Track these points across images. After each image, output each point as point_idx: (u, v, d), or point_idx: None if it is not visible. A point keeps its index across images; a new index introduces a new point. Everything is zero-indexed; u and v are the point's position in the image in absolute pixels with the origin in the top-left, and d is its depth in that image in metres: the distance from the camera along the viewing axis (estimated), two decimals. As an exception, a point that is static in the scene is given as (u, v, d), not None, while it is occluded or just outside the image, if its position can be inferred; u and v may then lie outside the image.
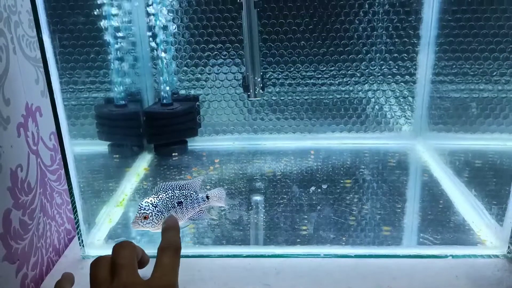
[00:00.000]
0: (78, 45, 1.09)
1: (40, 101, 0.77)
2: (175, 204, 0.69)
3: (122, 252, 0.48)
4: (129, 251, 0.49)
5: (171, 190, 0.69)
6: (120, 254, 0.48)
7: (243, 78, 1.06)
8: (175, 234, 0.52)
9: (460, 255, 0.75)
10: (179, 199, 0.70)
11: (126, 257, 0.48)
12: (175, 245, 0.50)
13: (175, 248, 0.50)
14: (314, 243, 0.80)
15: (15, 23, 0.69)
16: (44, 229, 0.77)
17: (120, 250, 0.49)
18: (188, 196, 0.71)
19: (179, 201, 0.69)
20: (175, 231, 0.52)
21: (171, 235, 0.52)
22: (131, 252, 0.49)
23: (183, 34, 1.15)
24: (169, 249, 0.50)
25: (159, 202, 0.66)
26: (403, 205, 0.92)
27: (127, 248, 0.49)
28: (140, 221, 0.65)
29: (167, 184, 0.70)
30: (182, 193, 0.70)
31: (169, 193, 0.69)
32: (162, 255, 0.49)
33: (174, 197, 0.69)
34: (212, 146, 1.24)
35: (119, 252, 0.48)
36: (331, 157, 1.15)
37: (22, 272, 0.68)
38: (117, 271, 0.47)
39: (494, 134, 1.14)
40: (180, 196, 0.70)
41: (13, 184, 0.67)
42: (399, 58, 1.15)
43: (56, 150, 0.82)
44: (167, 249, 0.49)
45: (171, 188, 0.70)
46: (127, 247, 0.49)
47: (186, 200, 0.71)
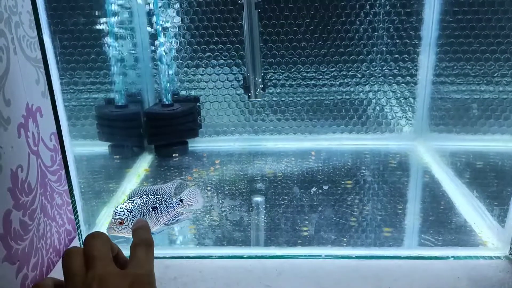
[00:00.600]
0: (78, 45, 1.08)
1: (41, 101, 0.76)
2: (150, 209, 0.69)
3: (94, 243, 0.47)
4: (101, 242, 0.48)
5: (145, 196, 0.69)
6: (93, 245, 0.47)
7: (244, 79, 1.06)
8: (146, 232, 0.52)
9: (462, 257, 0.75)
10: (154, 204, 0.69)
11: (99, 248, 0.47)
12: (147, 241, 0.50)
13: (148, 243, 0.50)
14: (315, 244, 0.79)
15: (16, 24, 0.69)
16: (45, 230, 0.76)
17: (92, 240, 0.48)
18: (162, 201, 0.71)
19: (154, 206, 0.69)
20: (145, 229, 0.52)
21: (142, 232, 0.52)
22: (104, 243, 0.48)
23: (184, 35, 1.15)
24: (142, 244, 0.49)
25: (134, 207, 0.66)
26: (404, 206, 0.92)
27: (99, 239, 0.48)
28: (116, 227, 0.65)
29: (142, 189, 0.70)
30: (156, 198, 0.70)
31: (143, 199, 0.68)
32: (135, 250, 0.49)
33: (149, 202, 0.69)
34: (212, 147, 1.24)
35: (91, 243, 0.47)
36: (331, 158, 1.15)
37: (23, 273, 0.68)
38: (92, 262, 0.46)
39: (495, 135, 1.14)
40: (154, 201, 0.70)
41: (14, 185, 0.66)
42: (400, 59, 1.15)
43: (56, 150, 0.82)
44: (140, 245, 0.49)
45: (145, 193, 0.69)
46: (99, 237, 0.48)
47: (161, 205, 0.70)
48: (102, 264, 0.46)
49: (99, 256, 0.46)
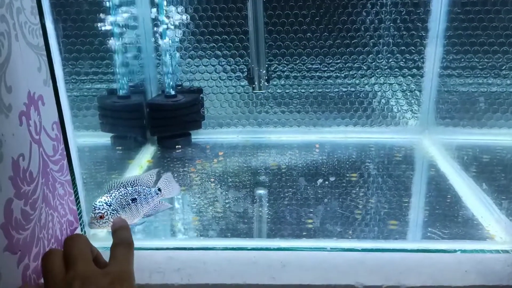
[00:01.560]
0: (81, 34, 1.07)
1: (43, 89, 0.75)
2: (129, 201, 0.67)
3: (73, 244, 0.48)
4: (81, 242, 0.49)
5: (123, 187, 0.68)
6: (73, 245, 0.48)
7: (248, 70, 1.04)
8: (126, 232, 0.52)
9: (469, 250, 0.74)
10: (133, 196, 0.68)
11: (79, 248, 0.48)
12: (126, 241, 0.51)
13: (127, 243, 0.50)
14: (320, 237, 0.78)
15: (18, 9, 0.68)
16: (46, 220, 0.75)
17: (72, 242, 0.49)
18: (141, 192, 0.70)
19: (133, 198, 0.68)
20: (125, 229, 0.52)
21: (122, 232, 0.52)
22: (83, 243, 0.49)
23: (187, 25, 1.13)
24: (122, 244, 0.50)
25: (113, 200, 0.65)
26: (410, 199, 0.91)
27: (78, 240, 0.49)
28: (96, 221, 0.64)
29: (119, 181, 0.68)
30: (134, 189, 0.69)
31: (121, 191, 0.67)
32: (115, 250, 0.49)
33: (127, 194, 0.68)
34: (216, 138, 1.23)
35: (70, 244, 0.48)
36: (336, 151, 1.14)
37: (24, 263, 0.67)
38: (72, 263, 0.46)
39: (502, 129, 1.12)
40: (133, 193, 0.68)
41: (15, 174, 0.65)
42: (406, 51, 1.13)
43: (58, 140, 0.80)
44: (120, 245, 0.50)
45: (123, 185, 0.68)
46: (78, 238, 0.49)
47: (140, 196, 0.69)
48: (82, 263, 0.46)
49: (80, 256, 0.47)
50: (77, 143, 0.75)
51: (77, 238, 0.49)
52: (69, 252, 0.47)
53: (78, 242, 0.48)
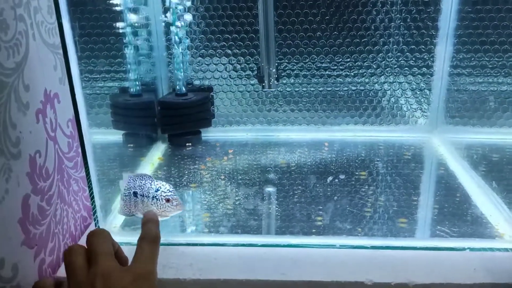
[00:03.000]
0: (94, 33, 1.09)
1: (58, 88, 0.77)
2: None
3: (96, 240, 0.49)
4: (103, 238, 0.49)
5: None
6: (95, 241, 0.48)
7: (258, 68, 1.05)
8: (154, 226, 0.53)
9: (478, 248, 0.74)
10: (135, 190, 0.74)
11: (101, 244, 0.48)
12: (153, 235, 0.51)
13: (154, 238, 0.51)
14: (329, 234, 0.79)
15: (35, 9, 0.69)
16: (61, 215, 0.77)
17: (94, 238, 0.49)
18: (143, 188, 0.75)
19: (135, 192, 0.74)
20: (154, 223, 0.53)
21: (150, 226, 0.53)
22: (106, 239, 0.49)
23: (198, 24, 1.14)
24: (148, 239, 0.50)
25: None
26: (419, 197, 0.91)
27: (101, 236, 0.50)
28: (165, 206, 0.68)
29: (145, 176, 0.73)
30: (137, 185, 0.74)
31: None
32: (141, 245, 0.50)
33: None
34: (225, 136, 1.24)
35: (93, 240, 0.49)
36: (345, 149, 1.14)
37: (40, 257, 0.69)
38: (94, 259, 0.46)
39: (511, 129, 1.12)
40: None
41: (32, 170, 0.67)
42: (416, 50, 1.14)
43: (73, 137, 0.82)
44: (146, 239, 0.50)
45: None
46: (100, 234, 0.50)
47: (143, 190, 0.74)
48: (104, 259, 0.46)
49: (102, 252, 0.47)
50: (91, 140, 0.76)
51: (99, 233, 0.50)
52: (92, 248, 0.48)
53: (101, 237, 0.49)
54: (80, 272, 0.46)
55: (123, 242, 0.78)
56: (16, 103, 0.63)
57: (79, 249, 0.49)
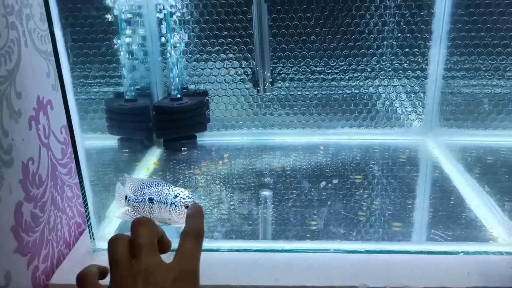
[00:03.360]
0: (88, 39, 1.09)
1: (51, 94, 0.77)
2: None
3: (141, 230, 0.46)
4: (147, 229, 0.47)
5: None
6: (140, 232, 0.47)
7: (253, 73, 1.05)
8: (198, 220, 0.51)
9: (472, 252, 0.75)
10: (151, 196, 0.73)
11: (145, 236, 0.46)
12: (197, 231, 0.49)
13: (198, 233, 0.49)
14: (324, 238, 0.79)
15: (27, 16, 0.69)
16: (55, 222, 0.77)
17: (139, 228, 0.47)
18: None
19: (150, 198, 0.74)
20: (199, 217, 0.51)
21: (195, 220, 0.51)
22: (150, 230, 0.47)
23: (193, 28, 1.15)
24: (192, 234, 0.49)
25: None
26: (414, 201, 0.91)
27: (146, 226, 0.47)
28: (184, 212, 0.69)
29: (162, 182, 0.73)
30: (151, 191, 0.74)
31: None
32: (185, 240, 0.48)
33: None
34: (221, 141, 1.24)
35: (138, 230, 0.47)
36: (340, 153, 1.14)
37: (33, 264, 0.69)
38: (138, 252, 0.45)
39: (506, 130, 1.13)
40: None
41: (25, 177, 0.67)
42: (410, 53, 1.14)
43: (66, 143, 0.82)
44: (190, 234, 0.48)
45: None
46: (146, 224, 0.47)
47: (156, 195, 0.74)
48: (148, 254, 0.45)
49: (146, 245, 0.46)
50: (85, 146, 0.76)
51: (144, 224, 0.48)
52: (136, 240, 0.46)
53: (145, 228, 0.47)
54: (122, 265, 0.45)
55: (117, 249, 0.78)
56: (8, 111, 0.63)
57: (123, 239, 0.47)
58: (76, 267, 0.73)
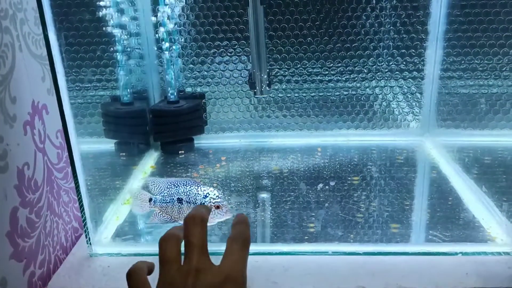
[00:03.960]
0: (84, 43, 1.09)
1: (47, 99, 0.77)
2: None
3: (193, 229, 0.47)
4: (201, 229, 0.47)
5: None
6: (192, 230, 0.47)
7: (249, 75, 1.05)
8: (245, 228, 0.51)
9: (470, 253, 0.74)
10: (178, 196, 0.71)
11: (198, 236, 0.47)
12: (244, 237, 0.49)
13: (244, 239, 0.49)
14: (322, 241, 0.79)
15: (21, 21, 0.69)
16: (51, 227, 0.77)
17: (192, 227, 0.47)
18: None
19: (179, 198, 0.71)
20: (245, 225, 0.51)
21: (242, 227, 0.51)
22: (203, 230, 0.48)
23: (189, 31, 1.14)
24: (239, 240, 0.49)
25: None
26: (412, 202, 0.91)
27: (199, 225, 0.48)
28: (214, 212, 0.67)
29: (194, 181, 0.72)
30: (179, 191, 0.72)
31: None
32: (232, 245, 0.48)
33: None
34: (218, 143, 1.23)
35: (191, 229, 0.47)
36: (338, 154, 1.14)
37: (30, 270, 0.68)
38: (189, 251, 0.46)
39: (503, 130, 1.13)
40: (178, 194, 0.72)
41: (20, 182, 0.67)
42: (407, 54, 1.14)
43: (62, 148, 0.82)
44: (237, 240, 0.48)
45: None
46: (199, 223, 0.48)
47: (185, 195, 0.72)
48: (199, 254, 0.46)
49: (197, 245, 0.46)
50: (81, 150, 0.76)
51: (198, 221, 0.47)
52: (189, 239, 0.47)
53: (198, 226, 0.47)
54: (172, 264, 0.46)
55: (114, 253, 0.77)
56: (3, 116, 0.63)
57: (175, 238, 0.48)
58: (73, 272, 0.73)
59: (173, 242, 0.47)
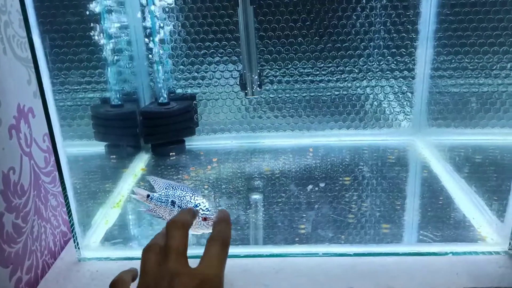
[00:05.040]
0: (72, 45, 1.08)
1: (33, 102, 0.76)
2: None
3: (175, 234, 0.48)
4: (181, 233, 0.48)
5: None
6: (173, 235, 0.48)
7: (240, 76, 1.04)
8: (226, 227, 0.51)
9: (461, 252, 0.74)
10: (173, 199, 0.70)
11: (178, 240, 0.47)
12: (224, 237, 0.49)
13: (224, 239, 0.49)
14: (312, 242, 0.78)
15: (5, 23, 0.68)
16: (39, 232, 0.76)
17: (174, 232, 0.48)
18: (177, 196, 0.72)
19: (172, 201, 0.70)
20: (226, 224, 0.51)
21: (222, 226, 0.51)
22: (184, 234, 0.48)
23: (179, 32, 1.14)
24: (218, 240, 0.49)
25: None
26: (403, 202, 0.91)
27: (180, 230, 0.48)
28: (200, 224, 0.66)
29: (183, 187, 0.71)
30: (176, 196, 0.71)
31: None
32: (211, 246, 0.48)
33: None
34: (209, 145, 1.23)
35: (171, 233, 0.48)
36: (330, 155, 1.14)
37: (16, 276, 0.68)
38: (167, 255, 0.46)
39: (494, 129, 1.13)
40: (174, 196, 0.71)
41: (5, 187, 0.66)
42: (397, 53, 1.14)
43: (50, 151, 0.81)
44: (216, 240, 0.49)
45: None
46: (181, 228, 0.48)
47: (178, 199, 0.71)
48: (176, 258, 0.46)
49: (176, 249, 0.46)
50: (70, 153, 0.75)
51: (179, 226, 0.48)
52: (168, 242, 0.47)
53: (179, 232, 0.48)
54: (149, 273, 0.46)
55: (103, 258, 0.77)
56: (-13, 120, 0.62)
57: (156, 247, 0.48)
58: (61, 277, 0.72)
59: (153, 252, 0.48)
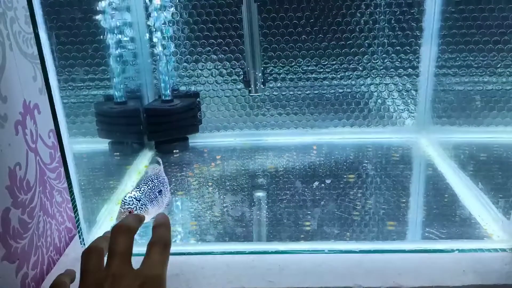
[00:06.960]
0: (76, 41, 1.07)
1: (38, 98, 0.75)
2: (157, 193, 0.69)
3: (119, 239, 0.48)
4: (126, 237, 0.48)
5: (151, 181, 0.70)
6: (117, 240, 0.48)
7: (244, 73, 1.04)
8: (165, 230, 0.52)
9: (467, 250, 0.74)
10: (159, 188, 0.70)
11: (121, 244, 0.48)
12: (164, 240, 0.50)
13: (164, 243, 0.50)
14: (318, 239, 0.78)
15: (11, 19, 0.68)
16: (44, 228, 0.76)
17: (118, 236, 0.48)
18: (164, 183, 0.73)
19: (160, 190, 0.71)
20: (165, 228, 0.52)
21: (161, 231, 0.51)
22: (128, 239, 0.48)
23: (182, 30, 1.14)
24: (159, 244, 0.49)
25: (142, 195, 0.66)
26: (408, 199, 0.91)
27: (125, 234, 0.49)
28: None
29: (147, 177, 0.72)
30: (159, 181, 0.71)
31: (149, 184, 0.69)
32: (151, 249, 0.49)
33: (155, 187, 0.69)
34: (213, 142, 1.23)
35: (115, 239, 0.48)
36: (333, 152, 1.14)
37: (23, 271, 0.68)
38: (110, 258, 0.47)
39: (498, 127, 1.12)
40: (159, 185, 0.71)
41: (12, 183, 0.66)
42: (401, 51, 1.14)
43: (55, 147, 0.81)
44: (157, 244, 0.49)
45: (151, 179, 0.71)
46: (125, 232, 0.49)
47: (164, 186, 0.72)
48: (119, 262, 0.46)
49: (119, 253, 0.47)
50: (75, 150, 0.75)
51: (123, 230, 0.48)
52: (111, 247, 0.47)
53: (123, 236, 0.48)
54: (90, 275, 0.46)
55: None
56: (-7, 116, 0.62)
57: (97, 250, 0.48)
58: (66, 274, 0.72)
59: (95, 254, 0.48)
